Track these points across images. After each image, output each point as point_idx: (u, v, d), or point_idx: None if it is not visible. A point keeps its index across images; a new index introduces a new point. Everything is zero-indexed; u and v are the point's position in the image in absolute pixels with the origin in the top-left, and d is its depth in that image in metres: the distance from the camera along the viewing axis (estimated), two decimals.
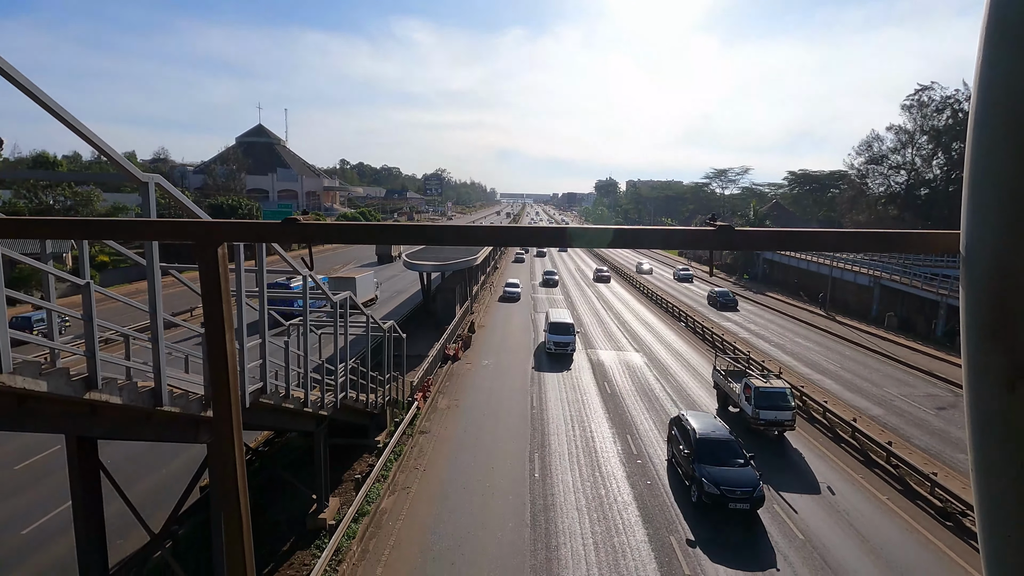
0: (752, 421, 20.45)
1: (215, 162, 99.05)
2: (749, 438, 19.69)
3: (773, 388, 20.79)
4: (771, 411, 20.12)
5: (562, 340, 30.79)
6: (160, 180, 7.20)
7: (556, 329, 31.20)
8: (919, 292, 39.33)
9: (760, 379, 21.58)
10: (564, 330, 31.16)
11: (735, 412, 22.43)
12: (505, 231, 1.32)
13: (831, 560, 13.73)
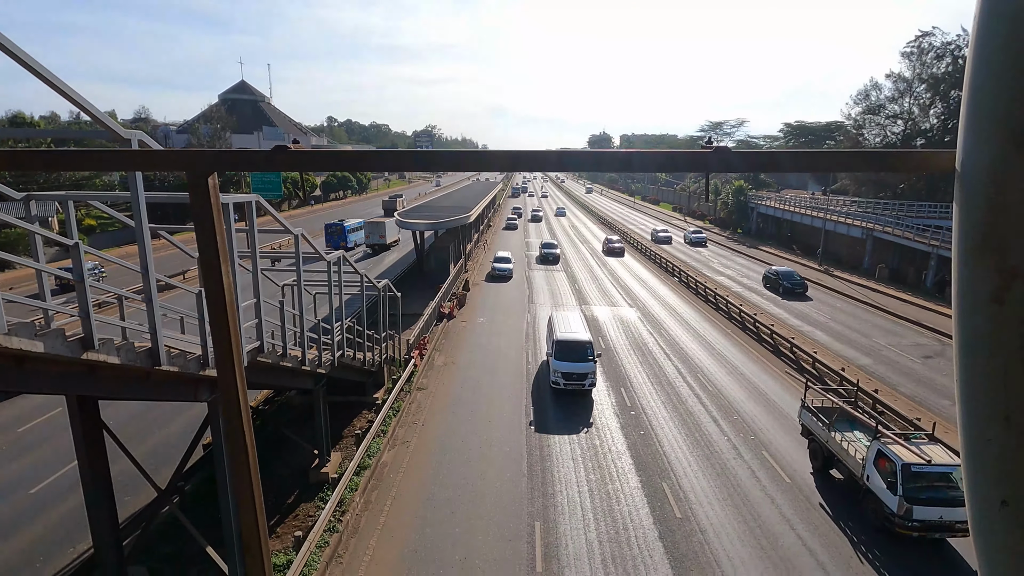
0: (898, 522, 12.26)
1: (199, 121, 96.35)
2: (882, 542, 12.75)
3: (934, 466, 12.32)
4: (933, 507, 12.04)
5: (576, 370, 19.78)
6: (143, 137, 7.02)
7: (566, 351, 20.18)
8: (911, 243, 39.55)
9: (906, 446, 12.79)
10: (578, 353, 20.13)
11: (843, 479, 14.59)
12: (500, 155, 1.30)
13: (816, 501, 14.30)
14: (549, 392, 20.62)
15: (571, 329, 21.64)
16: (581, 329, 21.82)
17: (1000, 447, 1.10)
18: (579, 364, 19.98)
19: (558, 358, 20.19)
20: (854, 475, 13.88)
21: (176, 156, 1.33)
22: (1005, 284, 1.05)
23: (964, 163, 1.12)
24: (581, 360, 20.09)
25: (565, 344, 20.49)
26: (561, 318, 23.18)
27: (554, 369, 20.20)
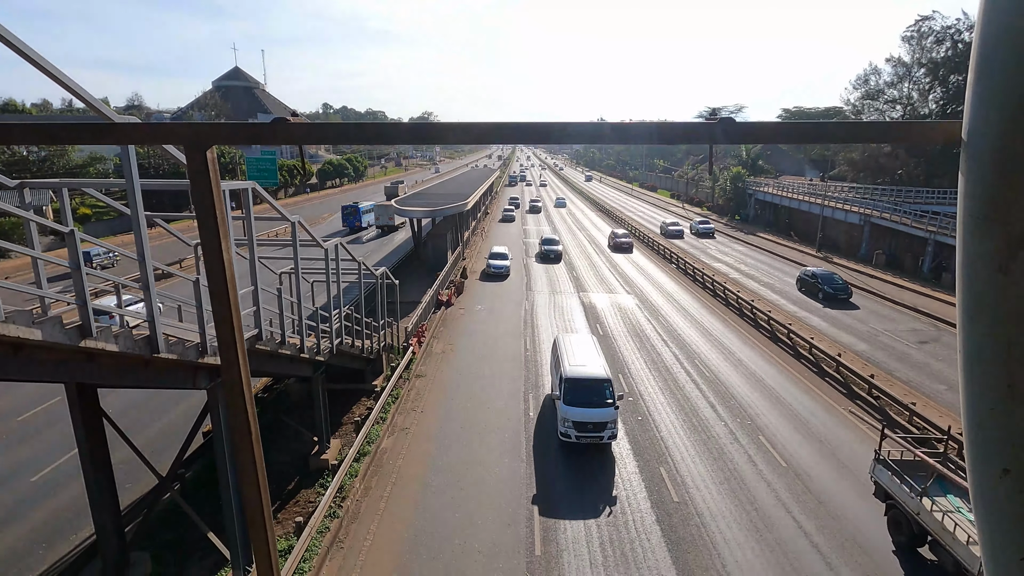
0: None
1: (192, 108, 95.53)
2: None
3: None
4: None
5: (592, 418, 15.41)
6: (137, 122, 6.94)
7: (578, 392, 15.76)
8: (908, 229, 39.58)
9: None
10: (594, 394, 15.72)
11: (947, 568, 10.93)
12: (500, 127, 1.29)
13: (813, 487, 14.47)
14: (548, 379, 20.70)
15: (583, 361, 16.77)
16: (596, 361, 16.95)
17: (1003, 416, 1.11)
18: (596, 411, 15.28)
19: (569, 401, 15.50)
20: (965, 570, 10.21)
21: (174, 129, 1.31)
22: (1011, 253, 1.05)
23: (971, 131, 1.12)
24: (599, 405, 15.39)
25: (577, 383, 15.78)
26: (569, 344, 18.15)
27: (563, 417, 15.44)
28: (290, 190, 79.33)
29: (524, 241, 50.67)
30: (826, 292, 31.59)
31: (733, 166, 72.15)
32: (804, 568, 11.56)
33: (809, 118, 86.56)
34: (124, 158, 7.00)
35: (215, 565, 11.34)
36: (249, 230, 9.69)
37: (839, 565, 11.66)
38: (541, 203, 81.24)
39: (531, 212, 73.94)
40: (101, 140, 1.32)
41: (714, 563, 11.66)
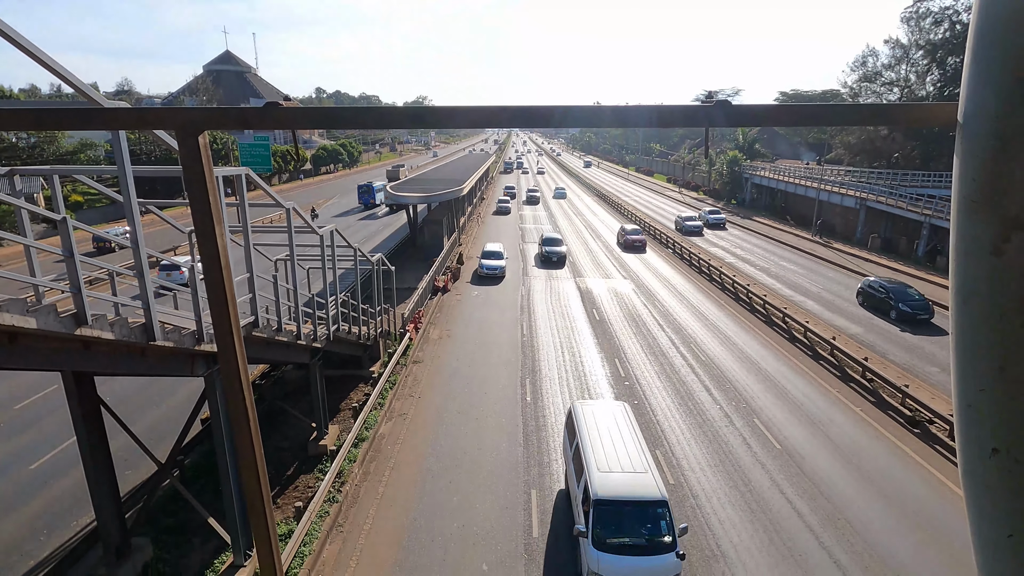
0: None
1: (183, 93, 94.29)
2: None
3: None
4: None
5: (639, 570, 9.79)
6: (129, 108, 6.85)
7: (616, 523, 10.03)
8: (904, 213, 39.66)
9: None
10: (642, 525, 10.20)
11: None
12: (499, 111, 1.28)
13: (806, 467, 14.66)
14: (545, 364, 20.80)
15: (622, 465, 10.80)
16: (640, 460, 11.03)
17: (993, 397, 1.13)
18: (646, 560, 9.81)
19: (600, 544, 9.79)
20: None
21: (164, 114, 1.30)
22: (1005, 235, 1.06)
23: (967, 112, 1.11)
24: (650, 547, 9.92)
25: (613, 508, 10.10)
26: (593, 425, 12.19)
27: (592, 569, 9.64)
28: (284, 176, 78.71)
29: (521, 244, 42.67)
30: (900, 311, 25.45)
31: (729, 150, 71.90)
32: (797, 546, 11.76)
33: (806, 101, 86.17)
34: (115, 144, 6.92)
35: (216, 549, 11.46)
36: (243, 216, 9.63)
37: (831, 544, 11.86)
38: (539, 193, 73.41)
39: (528, 203, 66.87)
40: (90, 125, 1.30)
41: (708, 543, 11.85)
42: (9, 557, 11.34)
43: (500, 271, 32.39)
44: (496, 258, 33.19)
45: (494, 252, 33.70)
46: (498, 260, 32.98)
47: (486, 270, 32.39)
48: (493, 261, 32.93)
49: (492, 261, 32.94)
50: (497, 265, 32.53)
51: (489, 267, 32.46)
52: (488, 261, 32.97)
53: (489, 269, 32.39)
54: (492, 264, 32.63)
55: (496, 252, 33.73)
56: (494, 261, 32.93)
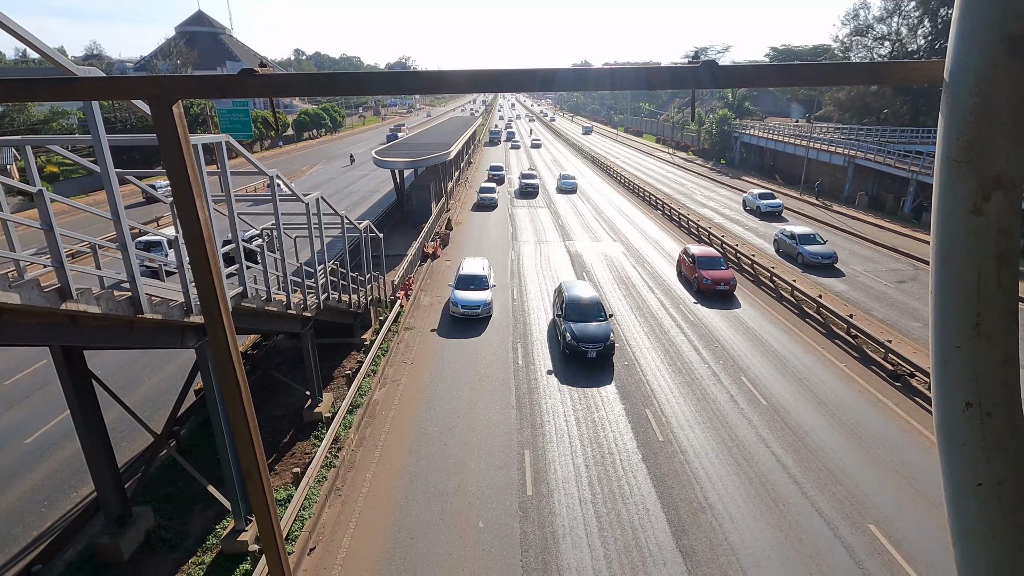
0: None
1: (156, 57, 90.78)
2: None
3: None
4: None
5: None
6: (98, 73, 6.61)
7: None
8: (891, 170, 39.72)
9: None
10: None
11: None
12: (483, 75, 1.25)
13: (791, 421, 15.10)
14: (536, 328, 20.97)
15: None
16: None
17: (968, 352, 1.16)
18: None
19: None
20: None
21: (136, 83, 1.25)
22: (985, 195, 1.07)
23: (953, 71, 1.11)
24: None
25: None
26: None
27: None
28: (266, 143, 76.85)
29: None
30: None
31: (719, 109, 71.04)
32: (781, 497, 12.22)
33: (797, 58, 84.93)
34: (88, 113, 6.69)
35: (217, 516, 11.69)
36: (226, 185, 9.44)
37: (814, 494, 12.34)
38: (537, 179, 51.53)
39: (523, 197, 46.79)
40: (60, 96, 1.26)
41: (697, 496, 12.27)
42: (12, 528, 11.51)
43: (483, 308, 21.11)
44: (476, 286, 21.82)
45: (473, 276, 22.14)
46: (479, 293, 21.55)
47: (463, 308, 20.99)
48: (470, 294, 21.35)
49: (469, 294, 21.34)
50: (477, 302, 21.16)
51: (466, 304, 21.04)
52: (465, 295, 21.31)
53: (466, 308, 21.00)
54: (469, 300, 21.17)
55: (475, 275, 22.22)
56: (472, 294, 21.35)
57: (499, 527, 11.42)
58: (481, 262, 24.01)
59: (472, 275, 22.35)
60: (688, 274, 25.51)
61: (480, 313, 21.10)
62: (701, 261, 24.87)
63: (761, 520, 11.59)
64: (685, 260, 26.17)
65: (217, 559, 10.68)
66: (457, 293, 21.61)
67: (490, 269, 23.84)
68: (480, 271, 22.71)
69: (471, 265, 23.43)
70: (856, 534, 11.22)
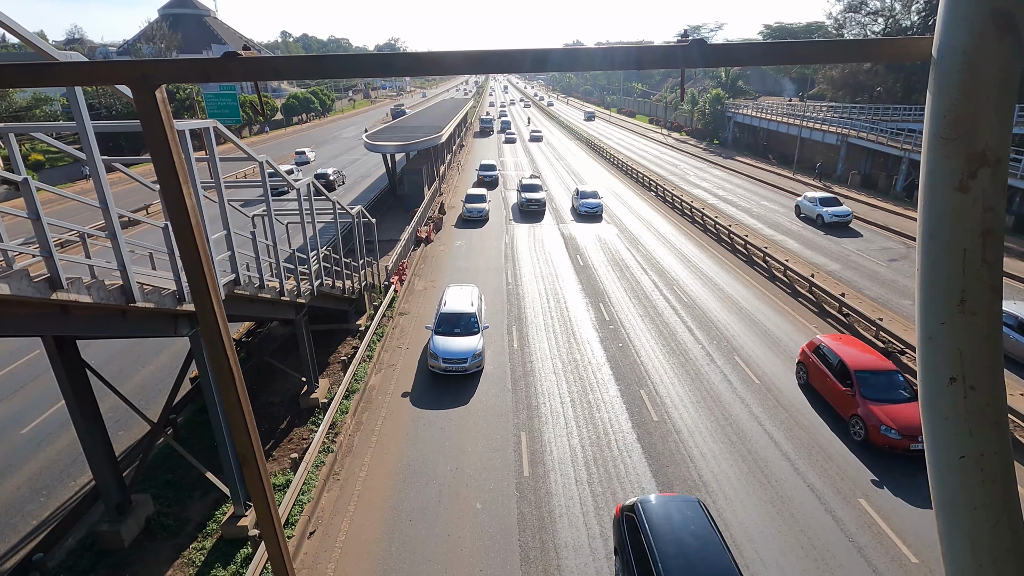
0: None
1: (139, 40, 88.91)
2: None
3: None
4: None
5: None
6: (80, 58, 6.49)
7: None
8: (884, 148, 39.72)
9: None
10: None
11: None
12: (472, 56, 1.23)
13: (783, 400, 15.28)
14: (531, 311, 21.02)
15: None
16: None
17: (952, 329, 1.18)
18: None
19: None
20: None
21: (116, 68, 1.22)
22: (971, 172, 1.08)
23: (941, 48, 1.12)
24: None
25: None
26: None
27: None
28: (255, 127, 75.80)
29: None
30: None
31: (712, 88, 70.54)
32: (774, 474, 12.43)
33: (790, 35, 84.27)
34: (72, 100, 6.57)
35: (216, 502, 11.78)
36: (215, 171, 9.33)
37: (805, 469, 12.56)
38: (544, 193, 36.78)
39: (525, 217, 34.35)
40: (39, 83, 1.23)
41: (691, 474, 12.46)
42: (12, 518, 11.55)
43: (471, 363, 16.11)
44: (462, 329, 16.81)
45: (459, 317, 17.22)
46: (467, 340, 16.44)
47: (445, 362, 15.98)
48: (455, 342, 16.31)
49: (454, 342, 16.30)
50: (465, 352, 16.09)
51: (450, 356, 16.00)
52: (447, 343, 16.27)
53: (450, 360, 16.00)
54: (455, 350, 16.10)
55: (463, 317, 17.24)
56: (457, 342, 16.31)
57: (497, 508, 11.57)
58: (469, 293, 18.63)
59: (457, 313, 17.28)
60: (833, 400, 14.34)
61: (468, 368, 16.00)
62: (862, 379, 13.57)
63: (754, 496, 11.79)
64: (816, 364, 15.04)
65: (217, 544, 10.78)
66: (437, 340, 16.35)
67: (481, 303, 18.85)
68: (468, 307, 17.58)
69: (456, 298, 18.12)
70: (847, 508, 11.45)
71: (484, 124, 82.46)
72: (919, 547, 10.46)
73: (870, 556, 10.30)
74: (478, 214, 33.79)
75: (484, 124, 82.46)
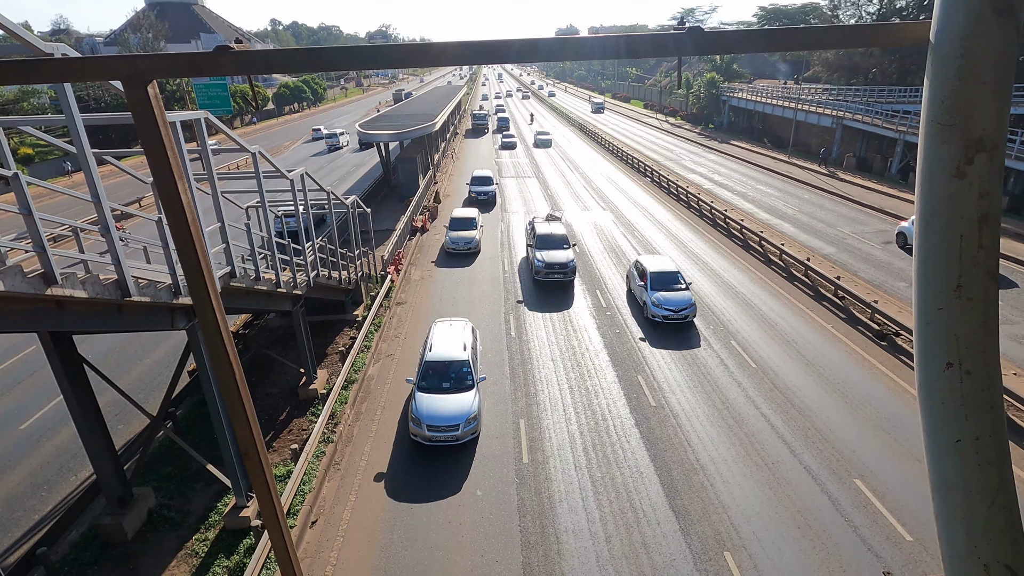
0: None
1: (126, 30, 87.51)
2: None
3: None
4: None
5: None
6: (67, 50, 6.38)
7: None
8: (879, 130, 39.65)
9: None
10: None
11: None
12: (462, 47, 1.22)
13: (779, 383, 15.40)
14: (528, 298, 21.04)
15: None
16: None
17: (949, 314, 1.19)
18: None
19: None
20: None
21: (107, 63, 1.21)
22: (968, 157, 1.08)
23: (938, 32, 1.11)
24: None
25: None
26: None
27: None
28: (246, 118, 75.04)
29: None
30: None
31: (707, 72, 70.06)
32: (770, 456, 12.57)
33: (786, 17, 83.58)
34: (61, 94, 6.48)
35: (218, 493, 11.84)
36: (207, 163, 9.25)
37: (802, 452, 12.70)
38: (572, 252, 22.58)
39: (542, 302, 20.62)
40: (28, 79, 1.21)
41: (689, 458, 12.58)
42: (14, 512, 11.60)
43: (462, 431, 12.80)
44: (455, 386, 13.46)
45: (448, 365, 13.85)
46: (456, 401, 13.10)
47: (428, 428, 12.74)
48: (441, 404, 13.04)
49: (440, 404, 13.04)
50: (455, 416, 12.83)
51: (436, 422, 12.79)
52: (432, 405, 13.00)
53: (435, 427, 12.76)
54: (441, 415, 12.88)
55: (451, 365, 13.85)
56: (444, 403, 13.04)
57: (497, 494, 11.67)
58: (461, 332, 14.84)
59: (446, 361, 13.78)
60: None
61: (460, 437, 12.73)
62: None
63: (751, 479, 11.93)
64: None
65: (220, 535, 10.86)
66: (421, 401, 13.05)
67: (476, 342, 15.25)
68: (459, 352, 13.96)
69: (445, 340, 14.41)
70: (843, 489, 11.60)
71: (477, 121, 69.42)
72: (913, 525, 10.63)
73: (865, 535, 10.46)
74: (465, 245, 25.14)
75: (477, 121, 69.42)
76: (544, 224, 23.90)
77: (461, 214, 27.11)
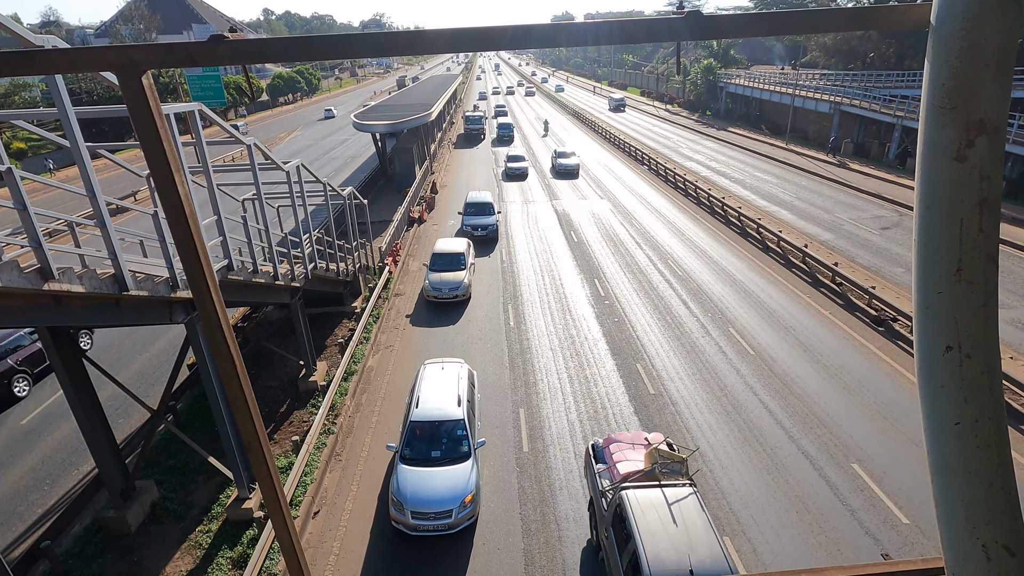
0: None
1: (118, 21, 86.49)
2: None
3: None
4: None
5: None
6: (57, 42, 6.31)
7: None
8: (877, 116, 39.48)
9: None
10: None
11: None
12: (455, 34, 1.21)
13: (778, 369, 15.47)
14: (526, 288, 21.05)
15: None
16: None
17: (949, 298, 1.20)
18: None
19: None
20: None
21: (101, 54, 1.19)
22: (969, 141, 1.08)
23: (940, 14, 1.10)
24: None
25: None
26: None
27: None
28: (240, 110, 74.45)
29: None
30: None
31: (704, 58, 69.59)
32: (768, 442, 12.66)
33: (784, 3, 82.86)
34: (53, 87, 6.42)
35: (220, 485, 11.90)
36: (202, 156, 9.20)
37: (800, 437, 12.78)
38: None
39: None
40: (20, 71, 1.20)
41: (688, 445, 12.66)
42: (17, 507, 11.65)
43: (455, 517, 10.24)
44: (447, 454, 11.00)
45: (436, 427, 11.35)
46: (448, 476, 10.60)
47: (413, 516, 10.22)
48: (428, 481, 10.50)
49: (427, 481, 10.50)
50: (447, 499, 10.31)
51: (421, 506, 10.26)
52: (418, 481, 10.49)
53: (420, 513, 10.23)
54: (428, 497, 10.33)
55: (442, 426, 11.44)
56: (432, 480, 10.51)
57: (497, 483, 11.75)
58: (455, 378, 12.59)
59: (436, 421, 11.45)
60: None
61: (453, 525, 10.22)
62: None
63: (750, 465, 12.02)
64: None
65: (223, 526, 10.93)
66: (404, 475, 10.66)
67: (474, 391, 13.04)
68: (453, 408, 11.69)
69: (435, 390, 12.22)
70: (840, 473, 11.70)
71: (471, 125, 53.82)
72: (909, 508, 10.74)
73: (863, 519, 10.57)
74: (450, 291, 19.67)
75: (471, 125, 53.82)
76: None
77: (445, 248, 21.20)
